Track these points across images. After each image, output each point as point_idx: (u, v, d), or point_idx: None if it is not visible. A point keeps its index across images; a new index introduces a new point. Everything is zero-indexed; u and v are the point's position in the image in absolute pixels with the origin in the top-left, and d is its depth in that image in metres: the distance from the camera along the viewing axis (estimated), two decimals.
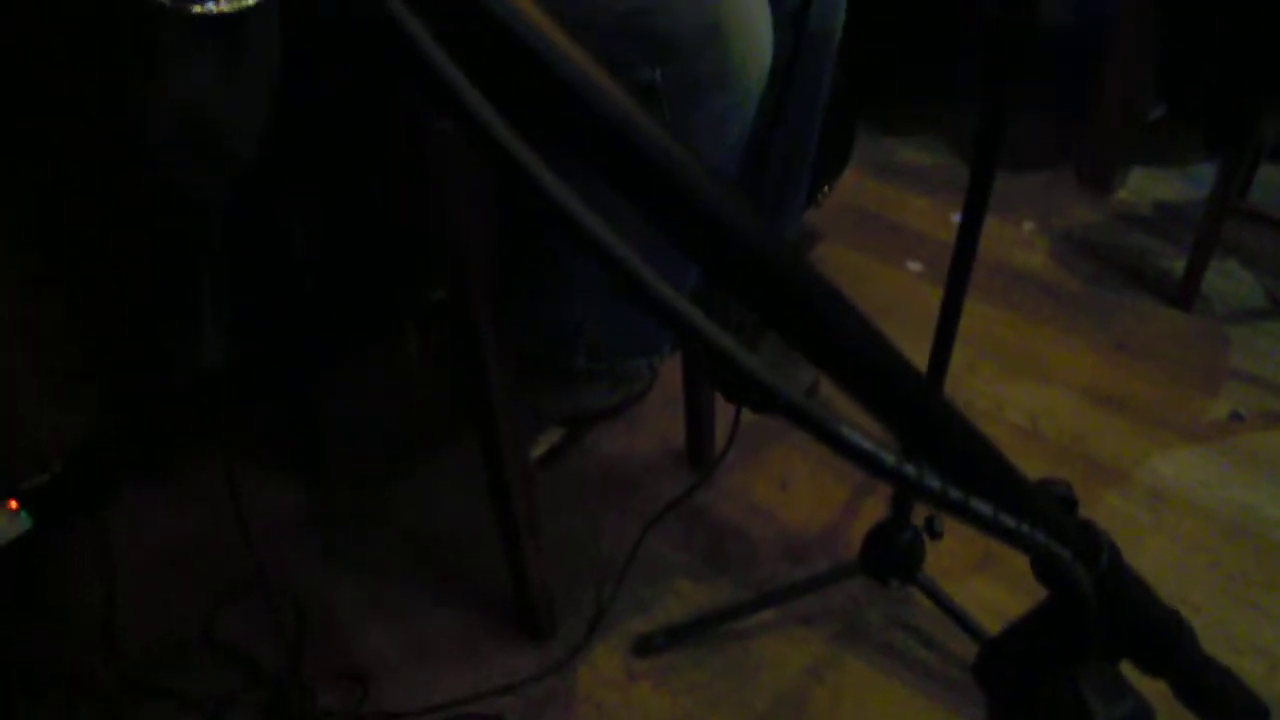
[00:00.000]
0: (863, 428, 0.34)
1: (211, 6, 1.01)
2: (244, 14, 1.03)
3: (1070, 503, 0.49)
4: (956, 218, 2.18)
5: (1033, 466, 0.47)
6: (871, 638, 1.49)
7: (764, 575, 1.58)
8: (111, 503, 1.68)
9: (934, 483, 0.31)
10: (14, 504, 1.59)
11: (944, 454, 0.41)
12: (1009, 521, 0.34)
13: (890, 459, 0.30)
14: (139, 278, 1.43)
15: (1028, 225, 2.24)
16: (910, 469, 0.31)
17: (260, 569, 1.47)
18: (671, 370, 1.62)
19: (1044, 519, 0.42)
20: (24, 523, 1.57)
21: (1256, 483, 1.71)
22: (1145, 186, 2.35)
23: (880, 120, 2.51)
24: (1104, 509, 1.68)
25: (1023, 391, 1.87)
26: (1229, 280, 2.11)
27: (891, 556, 1.42)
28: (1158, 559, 1.60)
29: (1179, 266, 2.07)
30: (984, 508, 0.33)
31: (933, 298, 1.34)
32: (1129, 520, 1.65)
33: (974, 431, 0.43)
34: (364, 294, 1.46)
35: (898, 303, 2.01)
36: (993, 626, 0.77)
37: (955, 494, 0.32)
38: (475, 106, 0.27)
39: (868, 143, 2.37)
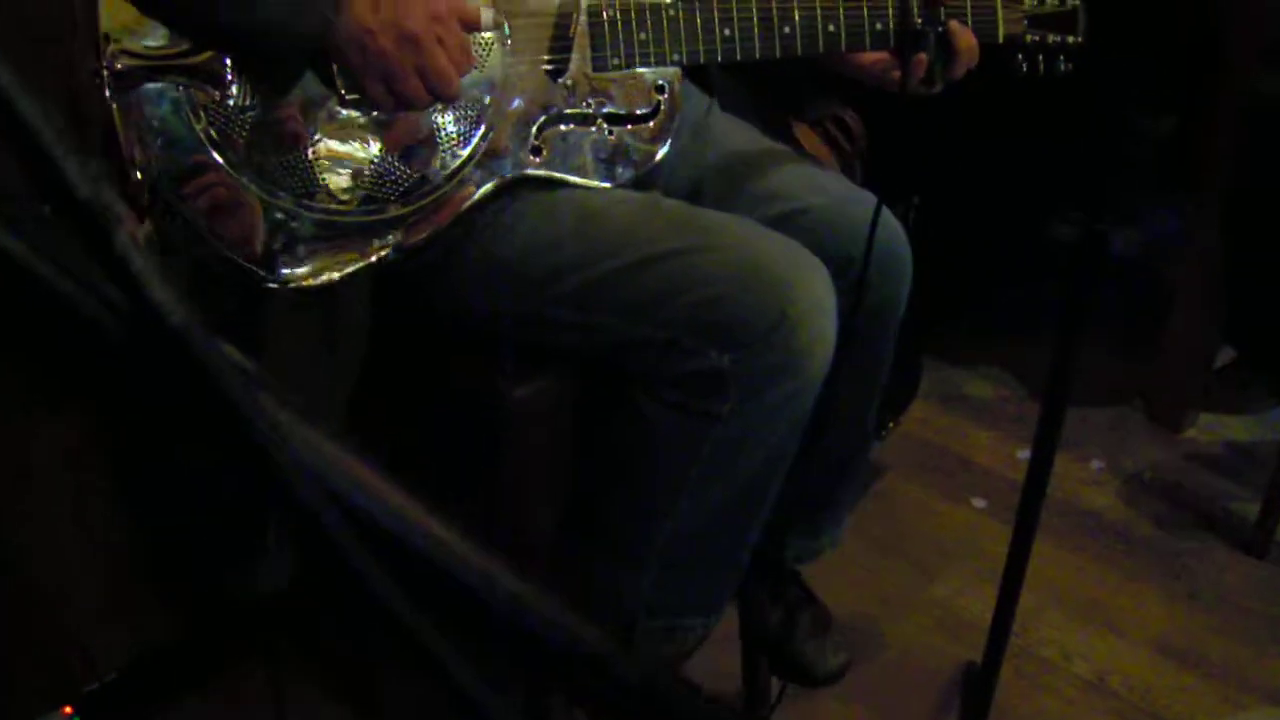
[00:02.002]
0: None
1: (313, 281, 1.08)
2: (333, 287, 1.09)
3: None
4: (1023, 454, 2.18)
5: None
6: None
7: None
8: (162, 716, 1.69)
9: None
10: (69, 710, 1.60)
11: None
12: None
13: None
14: (210, 503, 1.47)
15: (1095, 464, 2.22)
16: None
17: None
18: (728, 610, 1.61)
19: None
20: None
21: None
22: (1216, 426, 2.33)
23: (946, 351, 2.53)
24: None
25: (1090, 642, 1.82)
26: None
27: None
28: None
29: (1252, 511, 2.02)
30: None
31: (997, 537, 1.33)
32: None
33: None
34: None
35: (961, 542, 1.99)
36: None
37: None
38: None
39: (933, 373, 2.38)
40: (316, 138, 1.05)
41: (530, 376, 1.17)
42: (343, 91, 1.04)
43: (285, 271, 1.06)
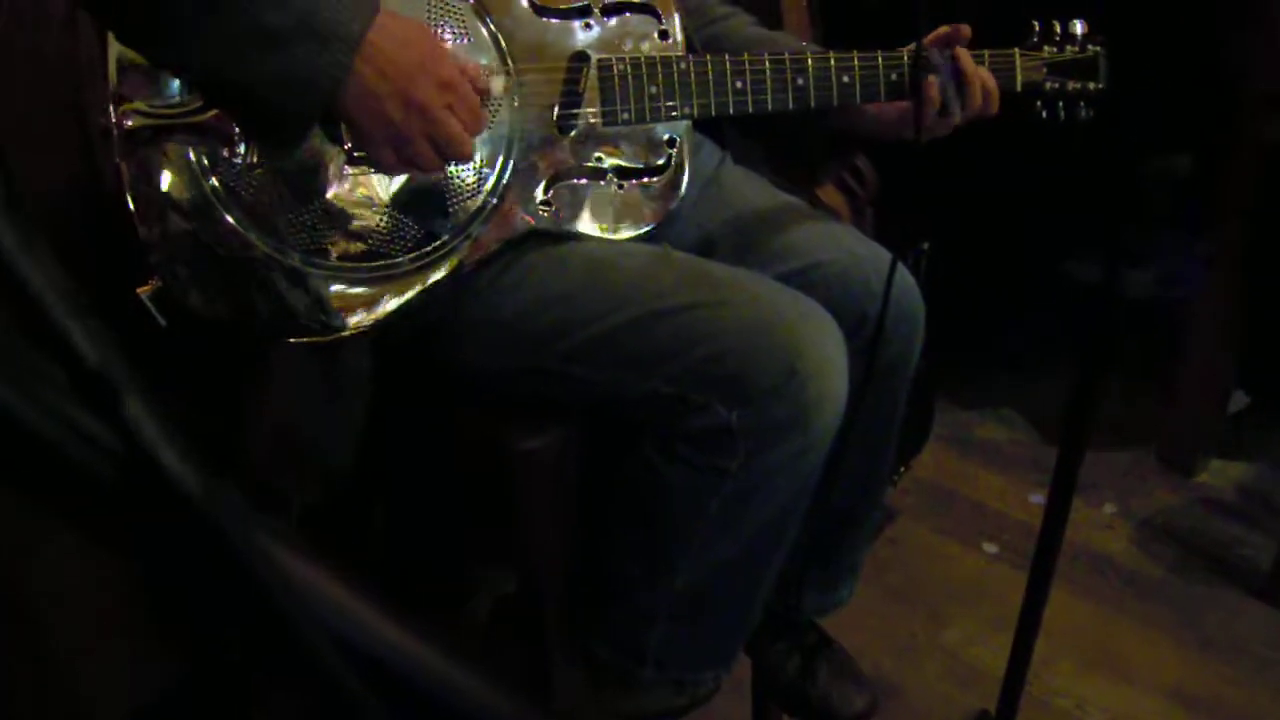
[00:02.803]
0: None
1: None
2: (342, 340, 1.09)
3: None
4: (1035, 498, 2.17)
5: None
6: None
7: None
8: None
9: None
10: None
11: None
12: None
13: None
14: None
15: (1108, 508, 2.21)
16: None
17: None
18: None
19: None
20: None
21: None
22: (1229, 470, 2.31)
23: (957, 393, 2.52)
24: None
25: (1104, 691, 1.79)
26: None
27: None
28: None
29: (1267, 558, 2.00)
30: None
31: (1009, 583, 1.31)
32: None
33: None
34: (437, 575, 1.48)
35: (973, 588, 1.97)
36: None
37: None
38: None
39: (945, 415, 2.37)
40: (325, 195, 1.05)
41: (538, 429, 1.17)
42: (349, 148, 1.03)
43: (292, 327, 1.06)
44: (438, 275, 1.10)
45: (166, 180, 1.01)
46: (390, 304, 1.09)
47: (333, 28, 0.90)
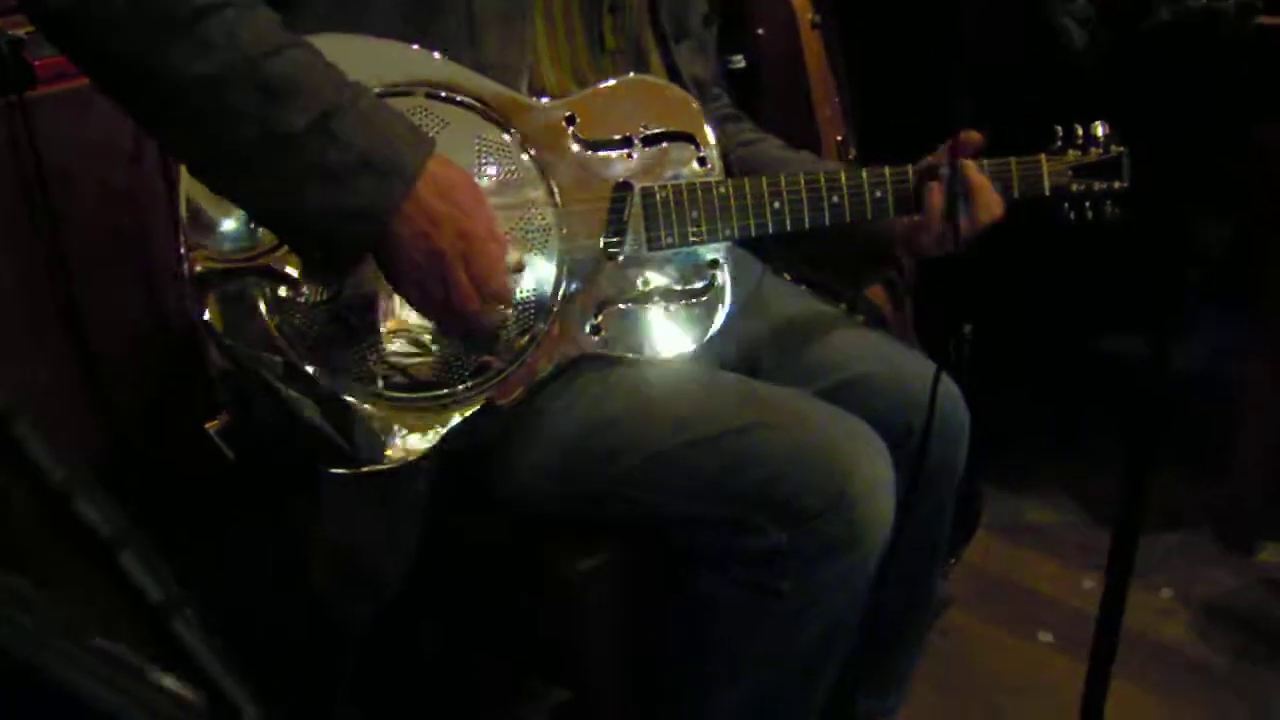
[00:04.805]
0: None
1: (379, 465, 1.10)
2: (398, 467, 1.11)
3: None
4: (1089, 584, 2.14)
5: None
6: None
7: None
8: None
9: None
10: None
11: None
12: None
13: None
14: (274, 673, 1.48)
15: (1166, 592, 2.17)
16: None
17: None
18: None
19: None
20: None
21: None
22: None
23: (1004, 477, 2.50)
24: None
25: None
26: None
27: None
28: None
29: None
30: None
31: (1068, 673, 1.30)
32: None
33: None
34: (490, 688, 1.49)
35: (1031, 681, 1.94)
36: None
37: None
38: None
39: (992, 500, 2.34)
40: (385, 329, 1.08)
41: (591, 550, 1.19)
42: None
43: (352, 458, 1.09)
44: (492, 401, 1.13)
45: (233, 320, 1.05)
46: (444, 430, 1.12)
47: (392, 164, 0.96)
